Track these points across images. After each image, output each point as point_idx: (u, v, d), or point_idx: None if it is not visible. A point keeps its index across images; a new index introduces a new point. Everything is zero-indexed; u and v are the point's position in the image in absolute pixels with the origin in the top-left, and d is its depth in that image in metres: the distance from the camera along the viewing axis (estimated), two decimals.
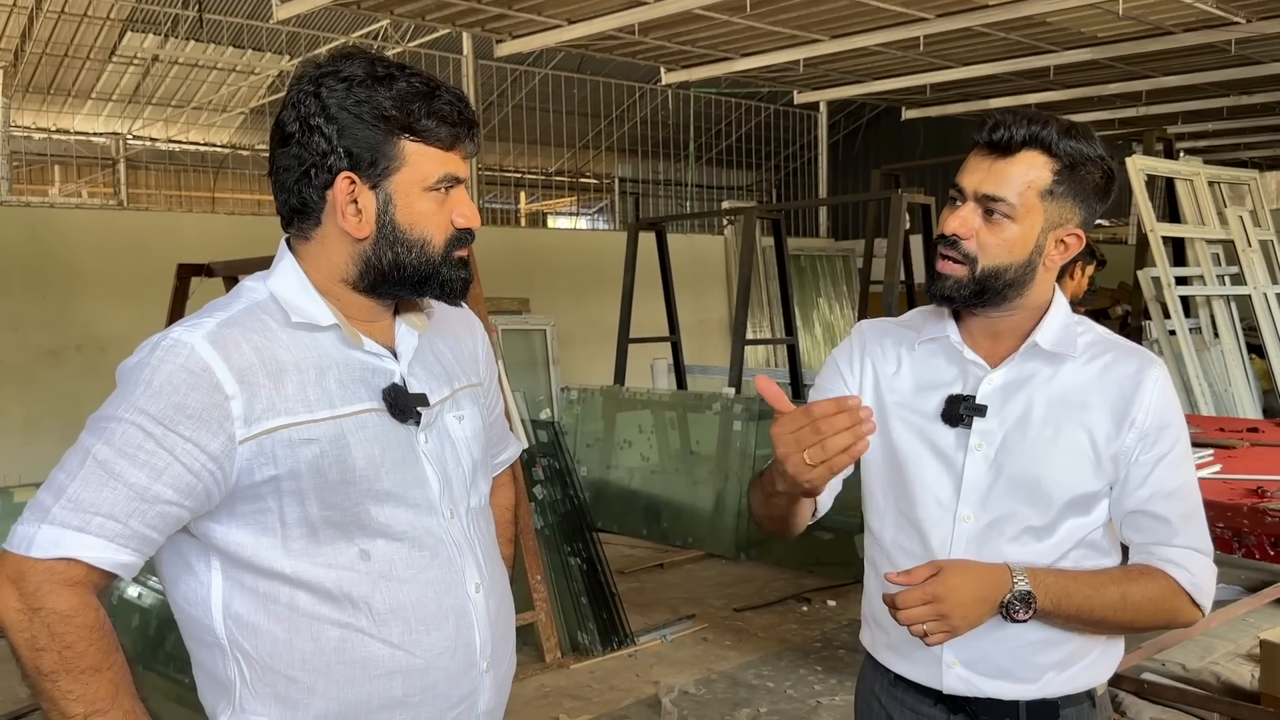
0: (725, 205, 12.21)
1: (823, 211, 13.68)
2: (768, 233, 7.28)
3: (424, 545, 1.40)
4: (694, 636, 5.10)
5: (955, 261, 1.57)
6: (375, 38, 10.78)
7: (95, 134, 14.04)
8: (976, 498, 1.59)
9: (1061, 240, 1.58)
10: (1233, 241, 7.42)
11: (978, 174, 1.56)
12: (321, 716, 1.34)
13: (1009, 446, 1.58)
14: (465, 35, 9.15)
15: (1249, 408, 6.94)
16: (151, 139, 14.21)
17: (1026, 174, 1.53)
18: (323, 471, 1.32)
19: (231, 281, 5.67)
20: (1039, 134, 1.52)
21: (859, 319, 9.27)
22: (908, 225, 6.29)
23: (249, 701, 1.34)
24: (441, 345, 1.53)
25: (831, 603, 5.56)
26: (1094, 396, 1.57)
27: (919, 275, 8.22)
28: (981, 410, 1.59)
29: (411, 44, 10.60)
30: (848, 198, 13.36)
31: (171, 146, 14.57)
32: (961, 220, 1.56)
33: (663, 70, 9.71)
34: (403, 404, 1.40)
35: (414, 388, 1.43)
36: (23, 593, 1.23)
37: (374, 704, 1.36)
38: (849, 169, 15.36)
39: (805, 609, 5.49)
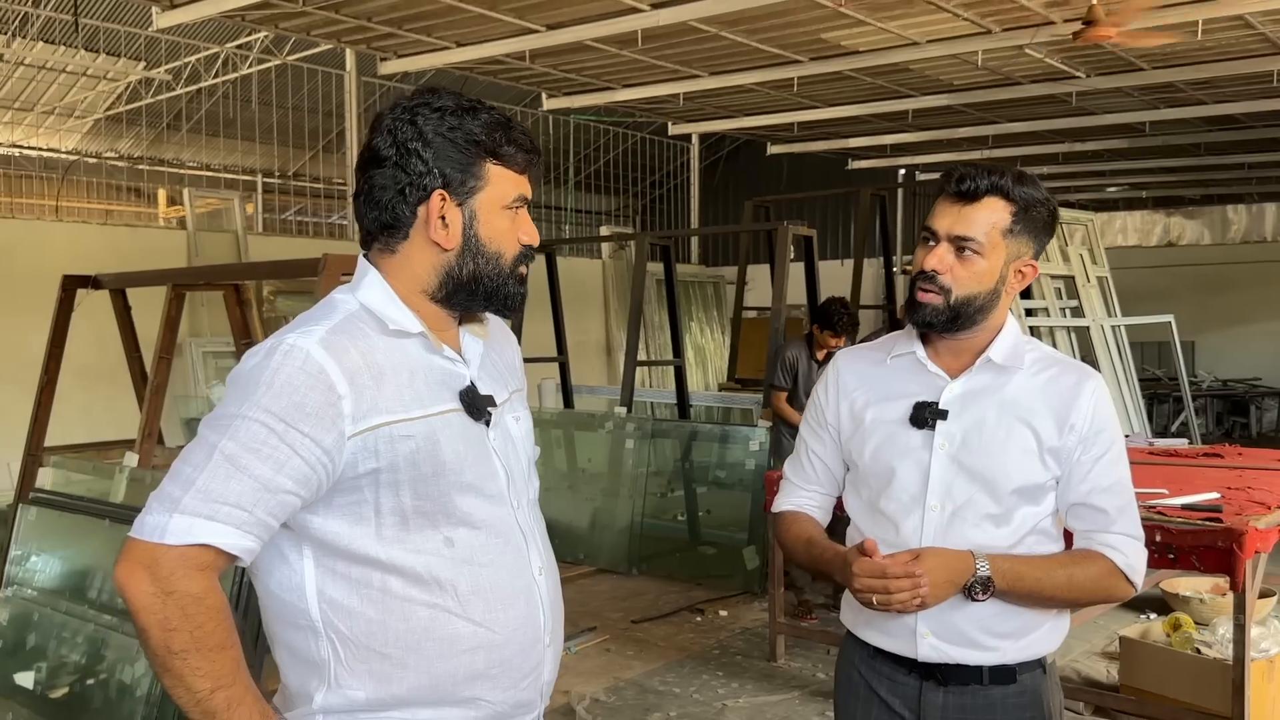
0: (603, 230, 12.44)
1: (694, 238, 14.09)
2: (655, 258, 7.54)
3: (499, 533, 1.54)
4: (597, 648, 5.25)
5: (933, 293, 1.84)
6: (252, 49, 10.54)
7: None
8: (942, 489, 1.86)
9: (1020, 270, 1.88)
10: (1074, 277, 8.12)
11: (948, 218, 1.84)
12: (414, 689, 1.47)
13: (968, 445, 1.86)
14: (349, 52, 9.12)
15: None
16: None
17: (990, 217, 1.83)
18: (418, 465, 1.46)
19: (119, 294, 5.51)
20: (998, 183, 1.83)
21: (732, 344, 9.68)
22: (790, 254, 6.65)
23: (344, 678, 1.45)
24: (493, 353, 1.68)
25: (723, 613, 5.81)
26: (1039, 403, 1.86)
27: (791, 299, 8.60)
28: (944, 414, 1.87)
29: (291, 58, 10.43)
30: (730, 228, 13.81)
31: (13, 151, 13.83)
32: (938, 258, 1.84)
33: (544, 95, 9.90)
34: (478, 404, 1.55)
35: (481, 390, 1.58)
36: (156, 577, 1.31)
37: (460, 676, 1.49)
38: (710, 198, 15.88)
39: (699, 619, 5.72)
